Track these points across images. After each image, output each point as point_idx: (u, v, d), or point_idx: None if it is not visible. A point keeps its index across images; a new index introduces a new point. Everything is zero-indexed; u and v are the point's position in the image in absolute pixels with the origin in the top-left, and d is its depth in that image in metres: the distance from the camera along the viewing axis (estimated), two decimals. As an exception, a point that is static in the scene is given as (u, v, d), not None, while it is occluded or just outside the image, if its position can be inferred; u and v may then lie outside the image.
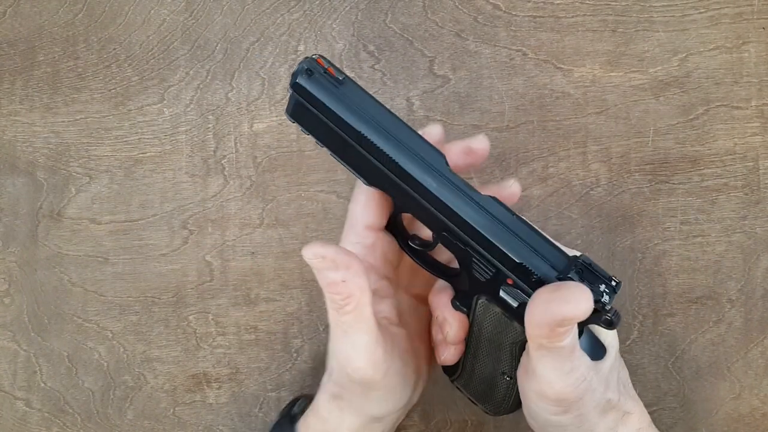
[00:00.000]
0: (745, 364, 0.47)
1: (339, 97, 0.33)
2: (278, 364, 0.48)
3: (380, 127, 0.34)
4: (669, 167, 0.48)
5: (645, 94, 0.48)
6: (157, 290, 0.48)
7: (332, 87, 0.33)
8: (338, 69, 0.33)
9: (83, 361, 0.48)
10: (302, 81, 0.33)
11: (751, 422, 0.47)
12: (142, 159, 0.49)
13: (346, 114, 0.33)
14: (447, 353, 0.38)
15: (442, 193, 0.33)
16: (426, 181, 0.34)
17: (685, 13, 0.48)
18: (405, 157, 0.34)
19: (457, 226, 0.34)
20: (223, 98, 0.48)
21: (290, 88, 0.33)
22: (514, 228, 0.34)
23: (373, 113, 0.34)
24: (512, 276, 0.34)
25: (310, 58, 0.34)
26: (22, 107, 0.49)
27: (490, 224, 0.34)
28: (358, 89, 0.34)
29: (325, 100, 0.33)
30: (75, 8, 0.49)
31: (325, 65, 0.33)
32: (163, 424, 0.48)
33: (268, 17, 0.49)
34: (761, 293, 0.47)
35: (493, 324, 0.36)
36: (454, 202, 0.33)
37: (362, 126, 0.33)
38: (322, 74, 0.33)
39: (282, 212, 0.48)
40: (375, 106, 0.34)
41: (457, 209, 0.33)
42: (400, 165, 0.33)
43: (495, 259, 0.34)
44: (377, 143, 0.33)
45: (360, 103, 0.34)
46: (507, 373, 0.37)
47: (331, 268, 0.33)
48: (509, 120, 0.48)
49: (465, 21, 0.48)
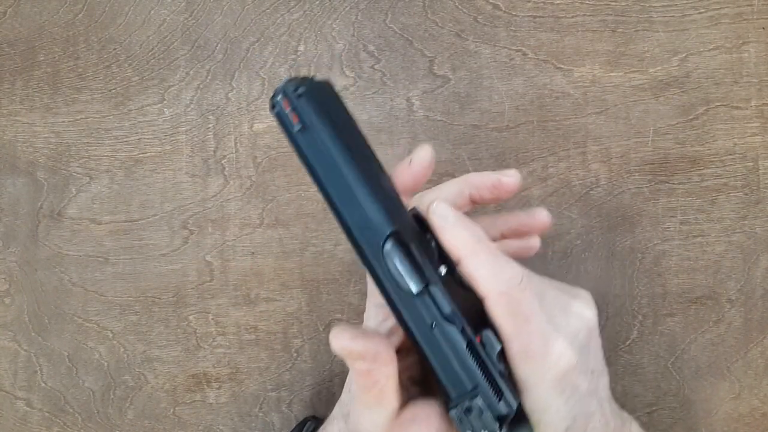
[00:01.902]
0: (745, 364, 0.47)
1: (299, 144, 0.31)
2: (278, 364, 0.48)
3: (337, 184, 0.30)
4: (669, 167, 0.48)
5: (645, 94, 0.48)
6: (157, 290, 0.48)
7: (294, 132, 0.30)
8: (304, 112, 0.30)
9: (83, 360, 0.48)
10: (273, 114, 0.31)
11: (750, 422, 0.47)
12: (143, 159, 0.49)
13: (305, 163, 0.31)
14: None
15: (375, 272, 0.30)
16: (364, 261, 0.30)
17: (685, 13, 0.48)
18: (346, 223, 0.30)
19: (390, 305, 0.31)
20: (223, 98, 0.48)
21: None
22: (438, 329, 0.30)
23: (329, 167, 0.30)
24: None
25: (281, 93, 0.31)
26: (23, 107, 0.49)
27: (415, 320, 0.30)
28: (325, 134, 0.30)
29: (294, 146, 0.31)
30: (75, 8, 0.49)
31: (290, 107, 0.30)
32: (163, 423, 0.48)
33: (268, 17, 0.49)
34: (761, 293, 0.47)
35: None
36: (382, 286, 0.30)
37: (318, 182, 0.30)
38: (286, 116, 0.30)
39: (282, 212, 0.48)
40: (335, 156, 0.30)
41: (386, 294, 0.30)
42: (343, 226, 0.30)
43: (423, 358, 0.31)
44: (330, 206, 0.31)
45: (320, 153, 0.30)
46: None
47: (358, 359, 0.31)
48: (509, 120, 0.48)
49: (465, 21, 0.48)
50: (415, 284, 0.30)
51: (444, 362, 0.30)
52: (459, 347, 0.30)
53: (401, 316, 0.30)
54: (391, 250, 0.30)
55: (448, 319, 0.30)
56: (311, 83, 0.31)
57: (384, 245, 0.30)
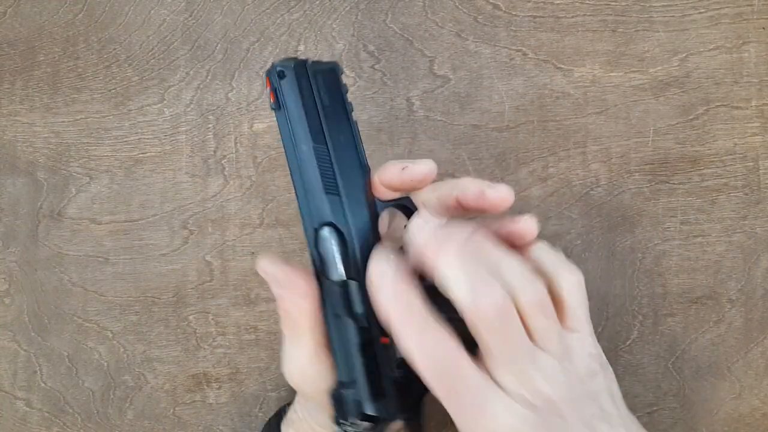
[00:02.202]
0: (746, 364, 0.47)
1: (276, 121, 0.34)
2: (278, 364, 0.48)
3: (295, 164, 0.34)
4: (669, 167, 0.48)
5: (645, 94, 0.48)
6: (157, 290, 0.48)
7: (271, 108, 0.34)
8: (280, 92, 0.33)
9: (83, 361, 0.48)
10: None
11: (751, 422, 0.47)
12: (143, 159, 0.49)
13: (283, 136, 0.34)
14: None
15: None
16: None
17: (685, 13, 0.48)
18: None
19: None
20: (223, 98, 0.48)
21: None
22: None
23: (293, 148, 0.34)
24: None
25: (268, 72, 0.34)
26: (23, 107, 0.49)
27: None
28: (294, 116, 0.33)
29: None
30: (75, 8, 0.49)
31: (270, 86, 0.34)
32: (163, 424, 0.48)
33: (268, 17, 0.49)
34: (761, 293, 0.47)
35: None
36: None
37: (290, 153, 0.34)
38: (268, 93, 0.34)
39: (282, 212, 0.48)
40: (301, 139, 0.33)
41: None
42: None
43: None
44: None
45: (286, 134, 0.34)
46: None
47: (273, 284, 0.34)
48: (509, 120, 0.48)
49: (465, 21, 0.48)
50: (336, 274, 0.32)
51: (338, 349, 0.33)
52: (351, 343, 0.32)
53: (321, 295, 0.33)
54: (327, 236, 0.33)
55: (352, 315, 0.32)
56: (297, 65, 0.33)
57: (320, 230, 0.33)
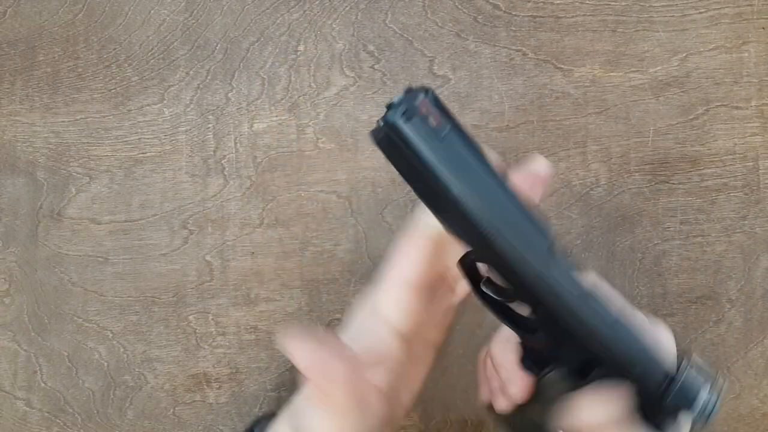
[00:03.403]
0: (745, 363, 0.47)
1: (437, 153, 0.28)
2: (278, 364, 0.48)
3: (479, 196, 0.28)
4: (669, 167, 0.48)
5: (645, 94, 0.48)
6: (157, 290, 0.48)
7: (431, 139, 0.28)
8: (445, 114, 0.28)
9: (83, 361, 0.48)
10: (397, 120, 0.27)
11: (750, 422, 0.47)
12: (142, 159, 0.49)
13: (443, 177, 0.28)
14: (502, 404, 0.35)
15: (543, 280, 0.29)
16: (526, 267, 0.29)
17: (685, 13, 0.48)
18: (502, 237, 0.28)
19: (556, 312, 0.29)
20: (223, 98, 0.48)
21: (381, 121, 0.28)
22: (620, 320, 0.29)
23: (473, 177, 0.28)
24: (609, 370, 0.30)
25: (414, 93, 0.28)
26: (23, 107, 0.49)
27: (595, 317, 0.29)
28: (462, 142, 0.28)
29: (420, 153, 0.28)
30: (75, 8, 0.49)
31: (425, 111, 0.28)
32: (163, 423, 0.48)
33: (268, 17, 0.49)
34: (761, 293, 0.47)
35: (560, 393, 0.32)
36: (554, 291, 0.29)
37: (460, 195, 0.28)
38: (422, 121, 0.27)
39: (282, 212, 0.48)
40: (478, 166, 0.28)
41: (558, 299, 0.29)
42: (495, 245, 0.28)
43: (599, 353, 0.29)
44: (472, 219, 0.28)
45: (460, 163, 0.28)
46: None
47: (306, 371, 0.31)
48: (509, 120, 0.48)
49: (465, 21, 0.48)
50: (583, 284, 0.29)
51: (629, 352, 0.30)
52: (639, 338, 0.29)
53: (571, 315, 0.29)
54: (559, 254, 0.29)
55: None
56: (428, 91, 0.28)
57: (550, 249, 0.29)
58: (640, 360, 0.30)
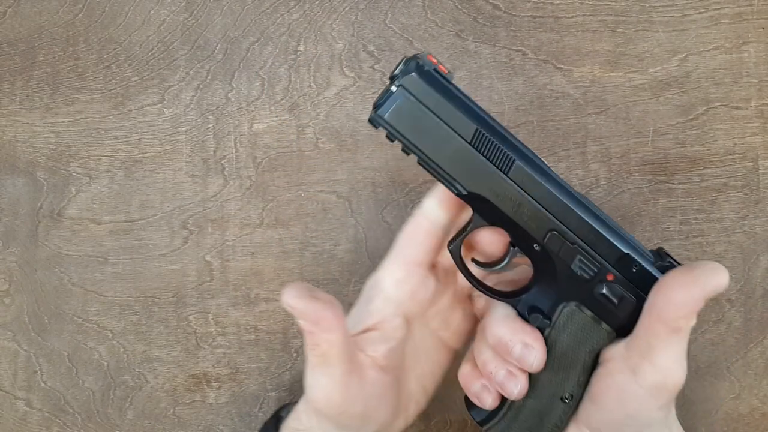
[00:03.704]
0: (745, 364, 0.47)
1: (453, 93, 0.33)
2: (278, 364, 0.48)
3: (495, 125, 0.33)
4: (668, 167, 0.48)
5: (645, 94, 0.48)
6: (157, 290, 0.48)
7: (446, 82, 0.33)
8: (445, 68, 0.33)
9: (83, 360, 0.48)
10: (418, 75, 0.32)
11: (750, 422, 0.47)
12: (142, 159, 0.49)
13: (464, 111, 0.32)
14: (521, 386, 0.35)
15: (559, 192, 0.33)
16: (544, 180, 0.33)
17: (685, 14, 0.48)
18: (522, 156, 0.33)
19: (569, 223, 0.33)
20: (223, 98, 0.48)
21: (396, 86, 0.32)
22: (611, 224, 0.34)
23: (483, 113, 0.33)
24: (614, 271, 0.34)
25: (417, 56, 0.33)
26: (23, 107, 0.49)
27: (597, 219, 0.34)
28: (462, 90, 0.33)
29: (442, 95, 0.32)
30: (75, 8, 0.49)
31: (435, 62, 0.33)
32: (163, 423, 0.48)
33: (267, 17, 0.49)
34: (761, 293, 0.47)
35: (575, 333, 0.35)
36: (568, 200, 0.33)
37: (481, 122, 0.33)
38: (434, 70, 0.32)
39: (282, 212, 0.48)
40: (481, 109, 0.33)
41: (572, 206, 0.33)
42: (519, 164, 0.33)
43: (600, 254, 0.34)
44: (496, 141, 0.33)
45: (471, 102, 0.33)
46: (569, 394, 0.35)
47: (301, 319, 0.33)
48: (509, 120, 0.48)
49: (465, 21, 0.48)
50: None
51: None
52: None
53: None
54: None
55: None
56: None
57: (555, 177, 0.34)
58: (636, 251, 0.34)
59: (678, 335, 0.32)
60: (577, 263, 0.34)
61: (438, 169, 0.33)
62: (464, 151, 0.32)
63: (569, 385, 0.35)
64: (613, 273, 0.34)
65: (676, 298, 0.32)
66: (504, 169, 0.33)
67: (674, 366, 0.33)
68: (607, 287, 0.34)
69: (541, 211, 0.33)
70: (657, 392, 0.33)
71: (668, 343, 0.33)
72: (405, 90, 0.32)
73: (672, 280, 0.32)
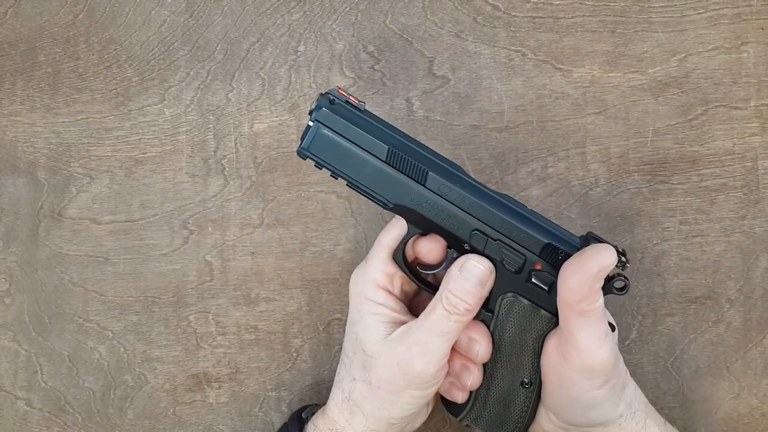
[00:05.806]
0: (744, 363, 0.47)
1: (364, 120, 0.37)
2: (278, 364, 0.48)
3: (407, 143, 0.38)
4: (668, 167, 0.48)
5: (644, 95, 0.48)
6: (157, 290, 0.48)
7: (357, 111, 0.37)
8: (356, 99, 0.38)
9: (84, 360, 0.49)
10: (328, 109, 0.37)
11: (750, 422, 0.47)
12: (143, 159, 0.49)
13: (375, 134, 0.37)
14: (474, 377, 0.39)
15: (474, 194, 0.37)
16: (459, 186, 0.37)
17: (684, 14, 0.48)
18: (435, 167, 0.37)
19: (489, 221, 0.37)
20: (224, 99, 0.49)
21: (312, 121, 0.37)
22: (532, 217, 0.38)
23: (395, 133, 0.38)
24: (540, 260, 0.37)
25: (329, 91, 0.37)
26: (23, 107, 0.49)
27: (515, 215, 0.38)
28: (375, 116, 0.38)
29: (352, 124, 0.37)
30: (76, 9, 0.49)
31: (345, 95, 0.38)
32: (163, 423, 0.48)
33: (268, 18, 0.49)
34: (760, 293, 0.47)
35: (518, 321, 0.38)
36: (484, 201, 0.37)
37: (393, 142, 0.37)
38: (345, 102, 0.37)
39: (282, 212, 0.48)
40: (394, 129, 0.38)
41: (488, 206, 0.37)
42: (432, 174, 0.37)
43: (523, 246, 0.37)
44: (408, 156, 0.37)
45: (382, 125, 0.38)
46: (527, 380, 0.38)
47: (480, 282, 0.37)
48: (508, 120, 0.48)
49: (464, 21, 0.48)
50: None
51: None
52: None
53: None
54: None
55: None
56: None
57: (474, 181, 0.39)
58: (560, 240, 0.38)
59: (586, 318, 0.35)
60: (504, 257, 0.38)
61: (363, 187, 0.38)
62: (381, 169, 0.37)
63: (524, 371, 0.39)
64: (539, 262, 0.37)
65: (571, 283, 0.34)
66: (420, 180, 0.37)
67: (594, 347, 0.35)
68: (536, 276, 0.38)
69: (461, 213, 0.37)
70: (588, 374, 0.35)
71: (581, 326, 0.35)
72: (320, 123, 0.37)
73: (566, 267, 0.35)
